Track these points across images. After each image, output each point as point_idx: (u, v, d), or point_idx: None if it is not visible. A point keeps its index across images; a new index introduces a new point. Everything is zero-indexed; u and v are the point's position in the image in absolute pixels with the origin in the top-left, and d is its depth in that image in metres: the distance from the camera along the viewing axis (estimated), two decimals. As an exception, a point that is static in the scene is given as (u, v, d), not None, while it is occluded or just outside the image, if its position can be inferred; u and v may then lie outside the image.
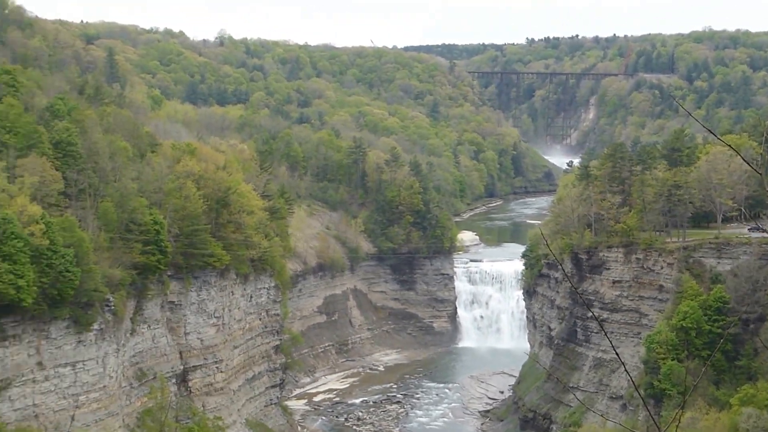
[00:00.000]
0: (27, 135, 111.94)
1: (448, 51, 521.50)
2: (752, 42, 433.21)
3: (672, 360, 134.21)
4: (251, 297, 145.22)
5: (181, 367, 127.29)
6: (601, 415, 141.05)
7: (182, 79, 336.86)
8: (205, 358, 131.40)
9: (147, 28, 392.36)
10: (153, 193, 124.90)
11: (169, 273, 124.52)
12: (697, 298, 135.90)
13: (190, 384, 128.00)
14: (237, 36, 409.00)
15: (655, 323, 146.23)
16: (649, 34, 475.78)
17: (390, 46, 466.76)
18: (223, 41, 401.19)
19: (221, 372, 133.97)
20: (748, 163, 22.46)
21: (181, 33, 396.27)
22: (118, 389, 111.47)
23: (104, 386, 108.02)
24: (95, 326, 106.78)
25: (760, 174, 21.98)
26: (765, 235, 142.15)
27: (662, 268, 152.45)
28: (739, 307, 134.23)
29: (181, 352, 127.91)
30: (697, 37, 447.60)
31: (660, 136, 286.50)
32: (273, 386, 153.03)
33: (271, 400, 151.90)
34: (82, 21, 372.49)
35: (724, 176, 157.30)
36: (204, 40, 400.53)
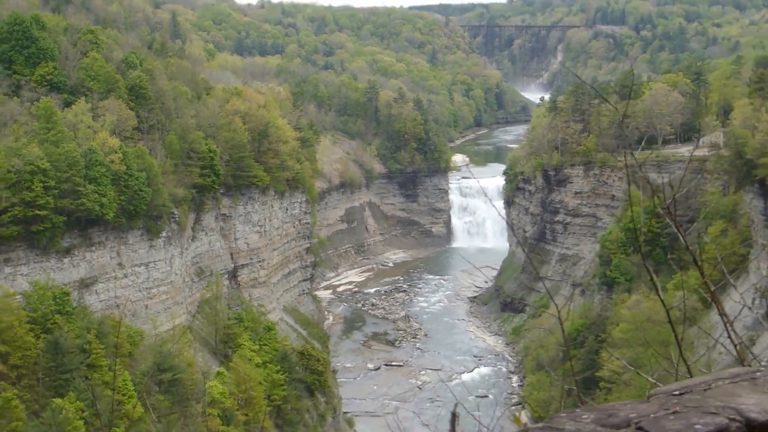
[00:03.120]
0: (107, 82, 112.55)
1: (444, 9, 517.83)
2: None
3: (621, 254, 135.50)
4: (287, 209, 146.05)
5: (232, 266, 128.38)
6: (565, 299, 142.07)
7: (231, 36, 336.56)
8: (250, 258, 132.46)
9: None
10: (208, 128, 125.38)
11: (221, 191, 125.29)
12: (642, 203, 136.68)
13: (239, 279, 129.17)
14: (275, 0, 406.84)
15: (608, 225, 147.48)
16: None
17: (398, 6, 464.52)
18: (263, 4, 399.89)
19: (264, 269, 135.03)
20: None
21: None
22: (182, 284, 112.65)
23: (171, 281, 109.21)
24: (163, 234, 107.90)
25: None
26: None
27: (614, 181, 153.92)
28: (674, 210, 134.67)
29: (231, 254, 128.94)
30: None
31: (613, 76, 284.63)
32: (305, 280, 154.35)
33: (303, 290, 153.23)
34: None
35: (664, 107, 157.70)
36: (248, 4, 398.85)
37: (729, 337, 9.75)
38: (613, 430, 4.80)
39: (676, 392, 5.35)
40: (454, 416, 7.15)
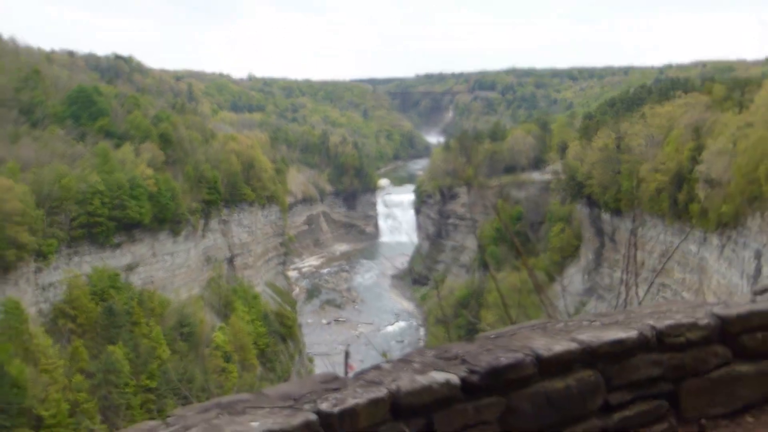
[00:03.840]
0: (144, 131, 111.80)
1: (373, 81, 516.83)
2: (537, 73, 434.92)
3: (493, 245, 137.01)
4: (267, 216, 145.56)
5: (230, 255, 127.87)
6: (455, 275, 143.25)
7: (228, 99, 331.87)
8: (242, 250, 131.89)
9: (209, 72, 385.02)
10: (213, 161, 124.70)
11: (222, 204, 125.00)
12: (507, 212, 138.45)
13: (234, 263, 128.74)
14: (258, 75, 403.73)
15: (484, 225, 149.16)
16: (481, 70, 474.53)
17: (341, 79, 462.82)
18: (251, 78, 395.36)
19: (251, 257, 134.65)
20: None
21: (228, 75, 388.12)
22: (196, 267, 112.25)
23: (188, 265, 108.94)
24: (183, 233, 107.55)
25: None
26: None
27: (487, 196, 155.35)
28: (529, 216, 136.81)
29: (229, 246, 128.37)
30: (508, 72, 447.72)
31: (488, 126, 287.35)
32: (279, 263, 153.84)
33: (278, 271, 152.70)
34: (174, 69, 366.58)
35: (521, 146, 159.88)
36: (240, 78, 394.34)
37: (541, 302, 9.68)
38: (446, 361, 4.87)
39: (492, 336, 5.43)
40: (346, 354, 7.77)
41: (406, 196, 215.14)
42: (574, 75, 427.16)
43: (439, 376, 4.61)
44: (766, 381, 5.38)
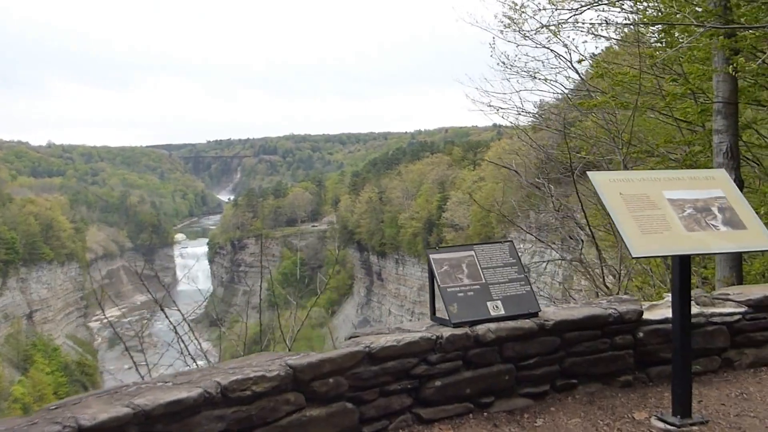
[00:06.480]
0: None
1: (168, 147, 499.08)
2: (312, 139, 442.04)
3: (280, 288, 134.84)
4: (66, 273, 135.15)
5: (29, 311, 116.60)
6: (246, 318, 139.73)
7: (28, 165, 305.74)
8: (41, 306, 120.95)
9: (7, 139, 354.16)
10: (11, 224, 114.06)
11: (20, 263, 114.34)
12: (290, 258, 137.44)
13: (34, 319, 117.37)
14: (58, 142, 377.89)
15: (272, 271, 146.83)
16: (265, 136, 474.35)
17: (138, 145, 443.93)
18: (50, 145, 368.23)
19: (51, 312, 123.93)
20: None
21: (27, 142, 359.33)
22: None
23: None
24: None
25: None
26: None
27: (272, 246, 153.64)
28: (309, 261, 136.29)
29: (28, 303, 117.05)
30: (287, 138, 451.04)
31: (272, 184, 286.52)
32: (80, 316, 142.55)
33: (80, 323, 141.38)
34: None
35: (301, 201, 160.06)
36: (39, 145, 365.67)
37: (283, 335, 9.25)
38: None
39: (53, 407, 4.53)
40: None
41: (201, 248, 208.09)
42: (343, 140, 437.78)
43: None
44: (335, 421, 5.30)
